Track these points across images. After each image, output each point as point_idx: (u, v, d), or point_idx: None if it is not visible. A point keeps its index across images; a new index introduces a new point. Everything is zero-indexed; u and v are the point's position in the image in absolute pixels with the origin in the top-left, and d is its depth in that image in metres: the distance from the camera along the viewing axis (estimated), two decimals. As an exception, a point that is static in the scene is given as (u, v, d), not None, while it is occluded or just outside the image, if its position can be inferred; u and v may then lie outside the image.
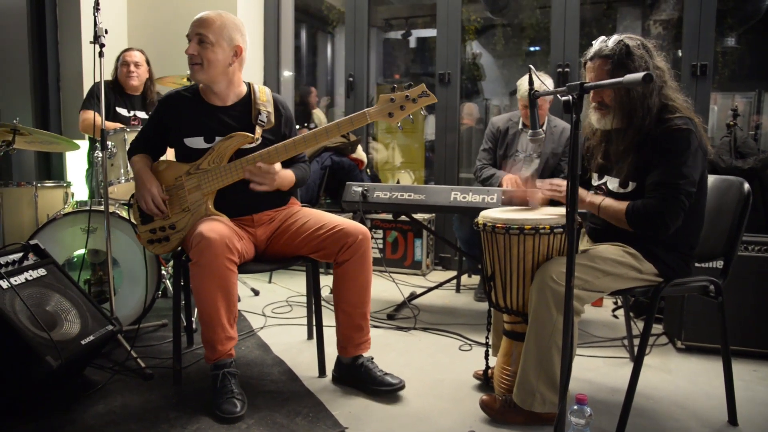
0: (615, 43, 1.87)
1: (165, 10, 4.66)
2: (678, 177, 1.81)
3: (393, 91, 2.13)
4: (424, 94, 2.12)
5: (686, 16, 3.74)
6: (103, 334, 2.17)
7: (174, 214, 2.19)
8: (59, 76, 4.45)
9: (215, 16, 2.18)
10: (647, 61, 1.86)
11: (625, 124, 1.92)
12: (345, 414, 2.01)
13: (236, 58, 2.22)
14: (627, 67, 1.83)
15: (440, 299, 3.58)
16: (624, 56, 1.85)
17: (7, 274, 2.03)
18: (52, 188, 3.02)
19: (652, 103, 1.87)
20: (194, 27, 2.18)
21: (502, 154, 3.49)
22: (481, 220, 1.99)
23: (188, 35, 2.19)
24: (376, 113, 2.13)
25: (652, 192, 1.84)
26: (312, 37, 6.58)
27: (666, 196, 1.81)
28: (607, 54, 1.87)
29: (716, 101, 4.35)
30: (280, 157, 2.16)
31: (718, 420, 2.00)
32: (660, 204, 1.81)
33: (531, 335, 1.84)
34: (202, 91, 2.28)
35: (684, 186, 1.81)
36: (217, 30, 2.16)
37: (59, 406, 2.02)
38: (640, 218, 1.85)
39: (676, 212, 1.81)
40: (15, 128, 2.55)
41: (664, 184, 1.82)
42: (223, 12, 2.23)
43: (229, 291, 2.00)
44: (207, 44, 2.15)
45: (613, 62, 1.86)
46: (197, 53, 2.16)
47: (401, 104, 2.12)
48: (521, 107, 3.40)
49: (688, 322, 2.60)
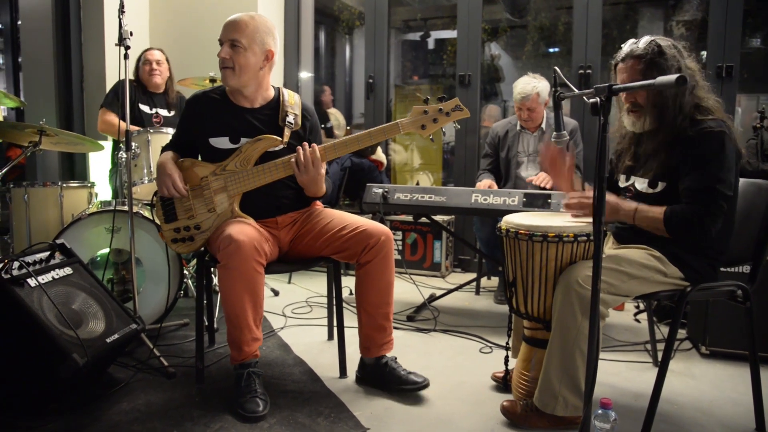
0: (646, 44, 1.85)
1: (187, 12, 4.70)
2: (715, 181, 1.79)
3: (425, 103, 2.12)
4: (458, 108, 2.11)
5: (712, 17, 3.68)
6: (127, 333, 2.20)
7: (199, 214, 2.20)
8: (83, 78, 4.52)
9: (248, 20, 2.16)
10: (679, 61, 1.85)
11: (657, 123, 1.89)
12: (366, 415, 2.01)
13: (267, 62, 2.22)
14: (659, 67, 1.81)
15: (460, 301, 3.56)
16: (656, 55, 1.83)
17: (34, 272, 2.06)
18: (76, 188, 3.07)
19: (685, 102, 1.85)
20: (227, 31, 2.17)
21: (504, 157, 3.50)
22: (504, 225, 1.98)
23: (220, 39, 2.19)
24: (408, 124, 2.12)
25: (690, 197, 1.81)
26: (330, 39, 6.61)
27: (705, 201, 1.79)
28: (639, 54, 1.85)
29: (740, 103, 4.28)
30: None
31: (745, 427, 1.97)
32: (700, 209, 1.79)
33: (555, 339, 1.83)
34: (230, 92, 2.28)
35: (722, 190, 1.78)
36: (250, 34, 2.15)
37: (85, 404, 2.05)
38: (680, 225, 1.81)
39: (716, 217, 1.79)
40: (42, 129, 2.59)
41: (702, 189, 1.79)
42: (256, 15, 2.21)
43: (257, 293, 2.02)
44: (239, 48, 2.14)
45: (645, 62, 1.84)
46: (229, 57, 2.15)
47: (434, 117, 2.11)
48: (516, 109, 3.41)
49: (713, 327, 2.56)
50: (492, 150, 3.57)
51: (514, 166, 3.46)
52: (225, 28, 2.18)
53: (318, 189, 2.22)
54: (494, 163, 3.57)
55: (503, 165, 3.52)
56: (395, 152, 5.50)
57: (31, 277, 2.03)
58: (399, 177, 5.55)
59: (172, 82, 3.71)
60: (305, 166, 2.11)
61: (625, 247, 1.97)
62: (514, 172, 3.45)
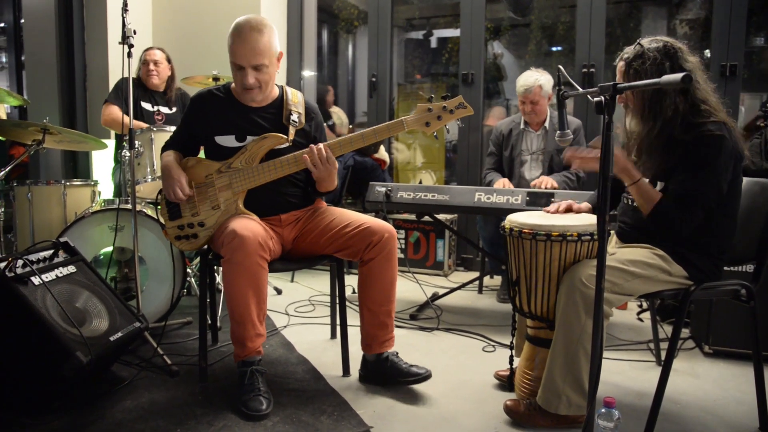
0: (648, 45, 1.85)
1: (190, 10, 4.70)
2: (702, 188, 1.80)
3: (429, 101, 2.13)
4: (461, 106, 2.12)
5: (716, 16, 3.67)
6: (130, 331, 2.20)
7: (203, 212, 2.21)
8: (86, 77, 4.53)
9: (261, 38, 2.10)
10: (664, 63, 1.83)
11: (651, 125, 1.89)
12: (369, 413, 2.01)
13: (278, 64, 2.23)
14: (636, 71, 1.84)
15: (463, 300, 3.56)
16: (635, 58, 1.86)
17: (38, 270, 2.06)
18: (80, 186, 3.07)
19: (679, 104, 1.84)
20: (248, 57, 2.10)
21: (508, 156, 3.50)
22: (507, 224, 1.98)
23: (239, 63, 2.12)
24: (413, 122, 2.13)
25: (673, 199, 1.83)
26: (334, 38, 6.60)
27: (684, 206, 1.80)
28: (626, 57, 1.89)
29: (743, 102, 4.27)
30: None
31: (748, 426, 1.97)
32: (678, 213, 1.81)
33: (558, 338, 1.83)
34: (235, 91, 2.28)
35: (705, 198, 1.80)
36: (268, 50, 2.13)
37: (88, 402, 2.05)
38: (660, 219, 1.84)
39: (690, 224, 1.82)
40: (45, 128, 2.59)
41: (686, 193, 1.81)
42: (260, 22, 2.12)
43: (261, 288, 2.02)
44: (263, 67, 2.14)
45: (627, 65, 1.87)
46: (256, 80, 2.14)
47: (438, 114, 2.13)
48: (519, 103, 3.40)
49: (716, 327, 2.56)
50: (496, 149, 3.57)
51: (517, 165, 3.46)
52: (245, 54, 2.10)
53: (331, 182, 2.24)
54: (499, 162, 3.57)
55: (506, 164, 3.52)
56: (398, 151, 5.50)
57: (35, 275, 2.03)
58: (402, 176, 5.55)
59: (173, 81, 3.70)
60: (320, 163, 2.12)
61: (629, 246, 1.97)
62: (518, 171, 3.45)
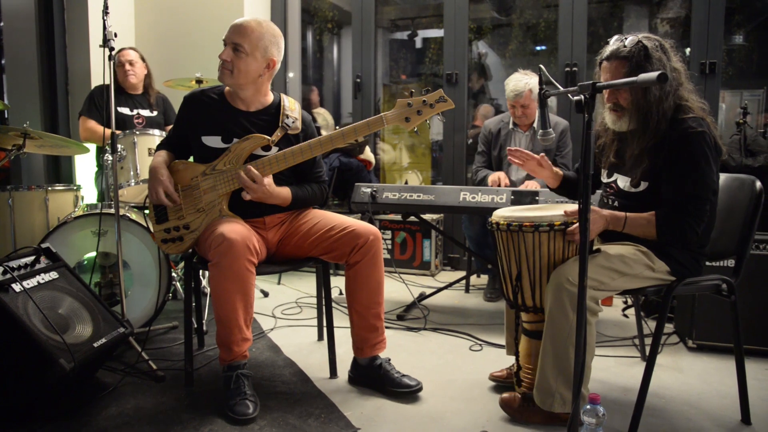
0: (633, 44, 1.83)
1: (172, 12, 4.67)
2: (700, 187, 1.82)
3: (410, 96, 2.12)
4: (442, 100, 2.11)
5: (695, 14, 3.72)
6: (114, 337, 2.18)
7: (188, 214, 2.20)
8: (67, 80, 4.48)
9: (255, 26, 2.14)
10: (665, 64, 1.83)
11: (641, 127, 1.89)
12: (357, 415, 2.01)
13: (268, 70, 2.21)
14: (645, 70, 1.77)
15: (450, 299, 3.57)
16: (642, 59, 1.81)
17: (19, 277, 2.04)
18: (62, 191, 3.03)
19: (668, 106, 1.85)
20: (232, 33, 2.15)
21: (496, 155, 3.51)
22: (502, 220, 1.95)
23: (224, 39, 2.17)
24: (393, 118, 2.12)
25: (677, 204, 1.83)
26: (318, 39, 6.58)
27: (693, 207, 1.82)
28: (625, 55, 1.83)
29: (724, 99, 4.33)
30: (296, 159, 2.15)
31: (731, 419, 1.99)
32: (688, 218, 1.82)
33: (547, 337, 1.84)
34: (228, 93, 2.28)
35: (706, 194, 1.82)
36: (254, 41, 2.14)
37: (73, 409, 2.03)
38: (673, 231, 1.84)
39: (702, 221, 1.84)
40: (25, 132, 2.56)
41: (689, 196, 1.82)
42: (264, 21, 2.19)
43: (248, 292, 2.01)
44: (241, 53, 2.13)
45: (630, 65, 1.82)
46: (230, 60, 2.14)
47: (418, 109, 2.11)
48: (509, 106, 3.41)
49: (700, 321, 2.59)
50: (486, 147, 3.57)
51: (505, 165, 3.47)
52: (231, 30, 2.16)
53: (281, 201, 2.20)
54: (488, 161, 3.57)
55: (495, 163, 3.53)
56: (384, 151, 5.50)
57: (16, 282, 2.01)
58: (388, 176, 5.56)
59: (151, 81, 3.66)
60: (249, 188, 2.10)
61: (613, 244, 1.98)
62: (506, 171, 3.46)
